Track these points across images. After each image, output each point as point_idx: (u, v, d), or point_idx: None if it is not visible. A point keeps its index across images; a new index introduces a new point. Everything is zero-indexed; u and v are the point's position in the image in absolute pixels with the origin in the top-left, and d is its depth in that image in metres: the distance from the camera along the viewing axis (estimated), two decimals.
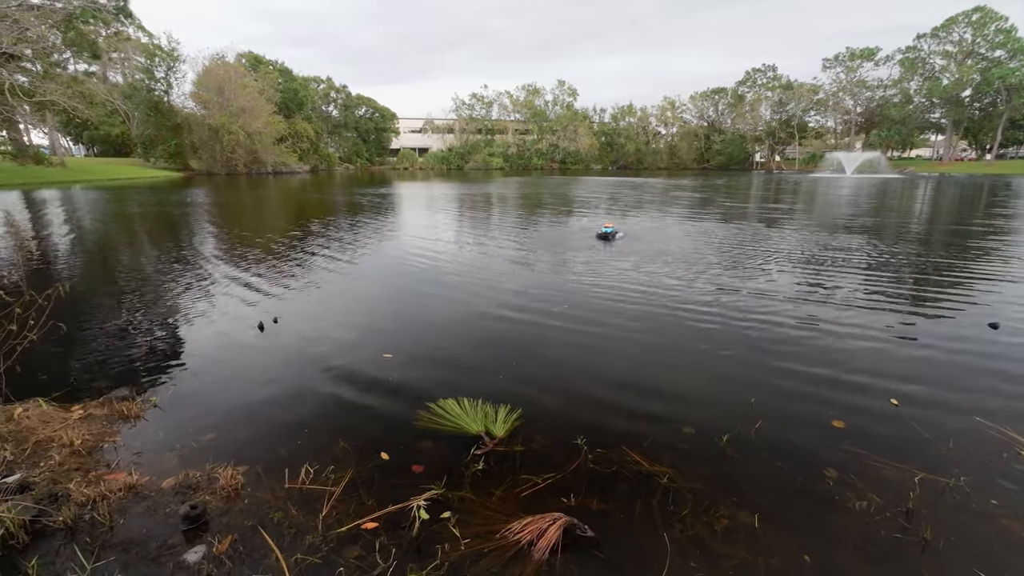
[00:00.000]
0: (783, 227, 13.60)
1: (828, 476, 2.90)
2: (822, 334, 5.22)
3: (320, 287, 7.26)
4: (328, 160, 63.99)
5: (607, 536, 2.44)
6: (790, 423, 3.50)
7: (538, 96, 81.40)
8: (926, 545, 2.39)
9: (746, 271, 8.20)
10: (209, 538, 2.39)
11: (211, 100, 49.35)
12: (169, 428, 3.41)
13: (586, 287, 7.16)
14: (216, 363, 4.54)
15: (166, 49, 52.46)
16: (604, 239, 10.92)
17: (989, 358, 4.62)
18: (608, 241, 10.78)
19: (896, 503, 2.67)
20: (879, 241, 11.20)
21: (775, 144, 80.00)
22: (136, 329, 5.47)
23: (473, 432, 3.35)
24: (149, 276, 8.00)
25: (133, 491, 2.68)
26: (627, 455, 3.10)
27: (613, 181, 41.26)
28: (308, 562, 2.27)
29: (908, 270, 8.35)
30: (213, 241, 11.46)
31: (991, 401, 3.80)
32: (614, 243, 10.70)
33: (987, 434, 3.34)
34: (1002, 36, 59.98)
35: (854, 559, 2.32)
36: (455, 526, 2.47)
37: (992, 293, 6.85)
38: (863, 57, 71.49)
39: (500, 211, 18.38)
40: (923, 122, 69.87)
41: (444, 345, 5.01)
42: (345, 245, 10.68)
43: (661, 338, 5.19)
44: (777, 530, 2.49)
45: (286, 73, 59.55)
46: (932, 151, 78.50)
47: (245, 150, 49.90)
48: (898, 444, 3.22)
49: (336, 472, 2.91)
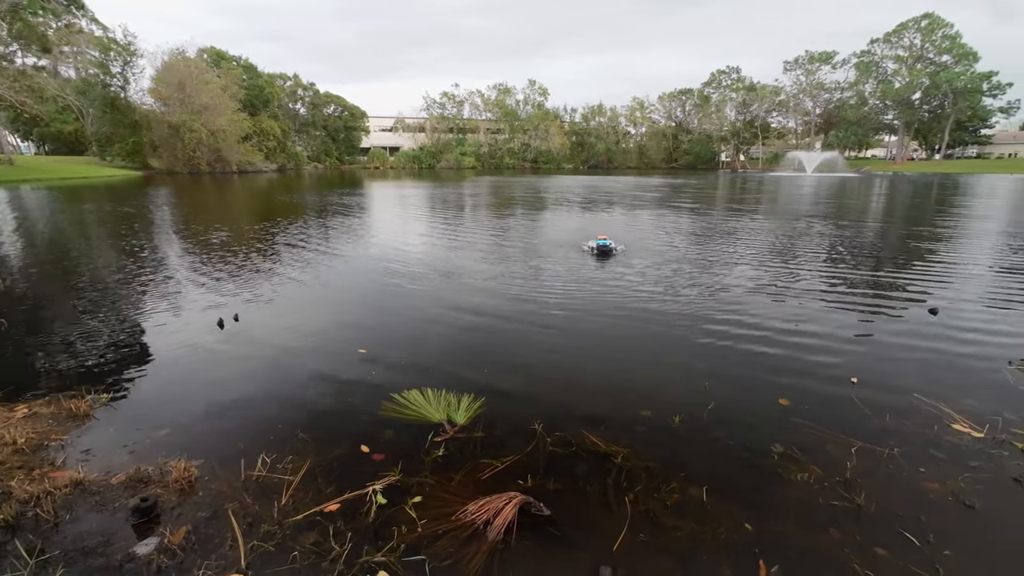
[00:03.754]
0: (744, 222, 14.03)
1: (775, 451, 3.04)
2: (776, 321, 5.44)
3: (282, 286, 7.14)
4: (296, 159, 62.64)
5: (562, 514, 2.51)
6: (741, 404, 3.64)
7: (509, 95, 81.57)
8: (860, 511, 2.54)
9: (705, 263, 8.44)
10: (162, 530, 2.36)
11: (171, 97, 47.65)
12: (121, 425, 3.32)
13: (553, 283, 7.26)
14: (173, 360, 4.43)
15: (122, 43, 50.34)
16: (602, 255, 8.96)
17: (928, 340, 4.90)
18: (605, 258, 8.85)
19: (835, 473, 2.82)
20: (835, 235, 11.67)
21: (740, 144, 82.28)
22: (88, 327, 5.28)
23: (435, 421, 3.38)
24: (103, 275, 7.71)
25: (80, 487, 2.61)
26: (585, 438, 3.18)
27: (587, 180, 41.69)
28: (263, 549, 2.26)
29: (859, 261, 8.74)
30: (171, 240, 11.11)
31: (927, 379, 4.04)
32: (612, 259, 8.80)
33: (923, 409, 3.56)
34: (948, 42, 63.24)
35: (793, 526, 2.44)
36: (412, 509, 2.50)
37: (932, 282, 7.24)
38: (821, 60, 74.19)
39: (472, 212, 18.38)
40: (877, 123, 73.01)
41: (408, 340, 5.01)
42: (309, 246, 10.51)
43: (623, 330, 5.31)
44: (724, 502, 2.60)
45: (251, 69, 58.00)
46: (886, 151, 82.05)
47: (208, 148, 48.40)
48: (840, 420, 3.40)
49: (294, 462, 2.89)
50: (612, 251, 9.11)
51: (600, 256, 8.92)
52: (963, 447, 3.07)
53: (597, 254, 9.01)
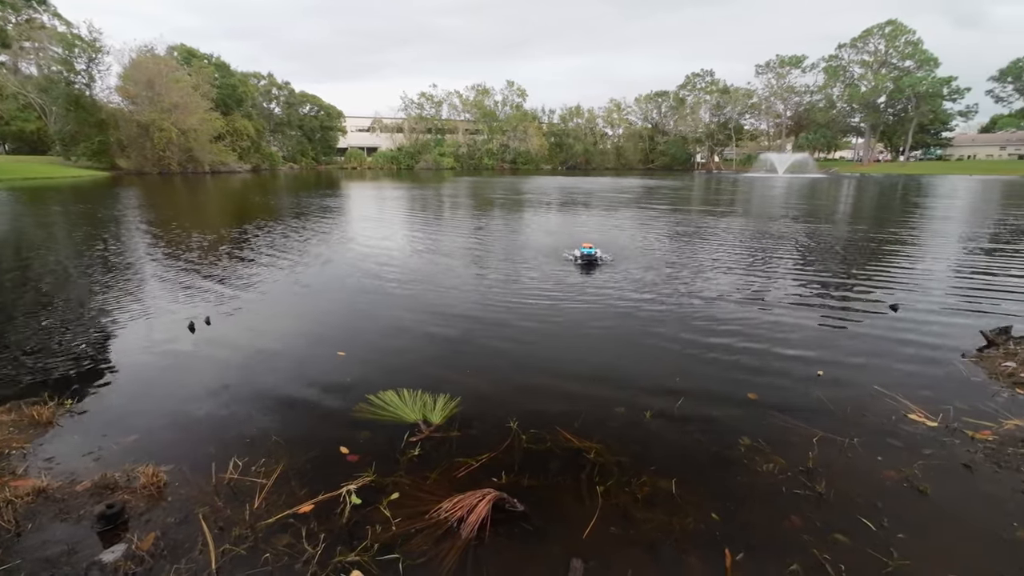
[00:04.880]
0: (719, 224, 14.33)
1: (742, 443, 3.14)
2: (747, 319, 5.59)
3: (255, 290, 7.04)
4: (271, 159, 61.51)
5: (536, 509, 2.55)
6: (711, 399, 3.75)
7: (488, 96, 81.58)
8: (820, 498, 2.64)
9: (678, 264, 8.61)
10: (129, 536, 2.32)
11: (140, 95, 46.27)
12: (87, 432, 3.24)
13: (530, 285, 7.31)
14: (142, 365, 4.34)
15: (87, 39, 48.68)
16: (588, 265, 8.15)
17: (889, 335, 5.10)
18: (590, 268, 8.05)
19: (798, 463, 2.93)
20: (804, 236, 12.02)
21: (714, 145, 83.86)
22: (53, 333, 5.12)
23: (411, 421, 3.39)
24: (68, 280, 7.47)
25: (43, 495, 2.55)
26: (559, 434, 3.23)
27: (566, 181, 41.95)
28: (235, 553, 2.24)
29: (827, 261, 9.03)
30: (140, 244, 10.82)
31: (887, 372, 4.21)
32: (599, 268, 8.08)
33: (882, 401, 3.71)
34: (911, 48, 65.64)
35: (758, 515, 2.53)
36: (387, 508, 2.51)
37: (894, 280, 7.53)
38: (791, 64, 76.23)
39: (451, 214, 18.34)
40: (845, 126, 75.40)
41: (384, 343, 5.01)
42: (282, 250, 10.36)
43: (598, 331, 5.40)
44: (693, 494, 2.68)
45: (223, 68, 56.74)
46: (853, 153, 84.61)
47: (179, 148, 47.15)
48: (805, 413, 3.52)
49: (268, 465, 2.87)
50: (598, 261, 8.34)
51: (585, 267, 8.11)
52: (918, 436, 3.22)
53: (582, 264, 8.20)
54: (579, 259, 8.27)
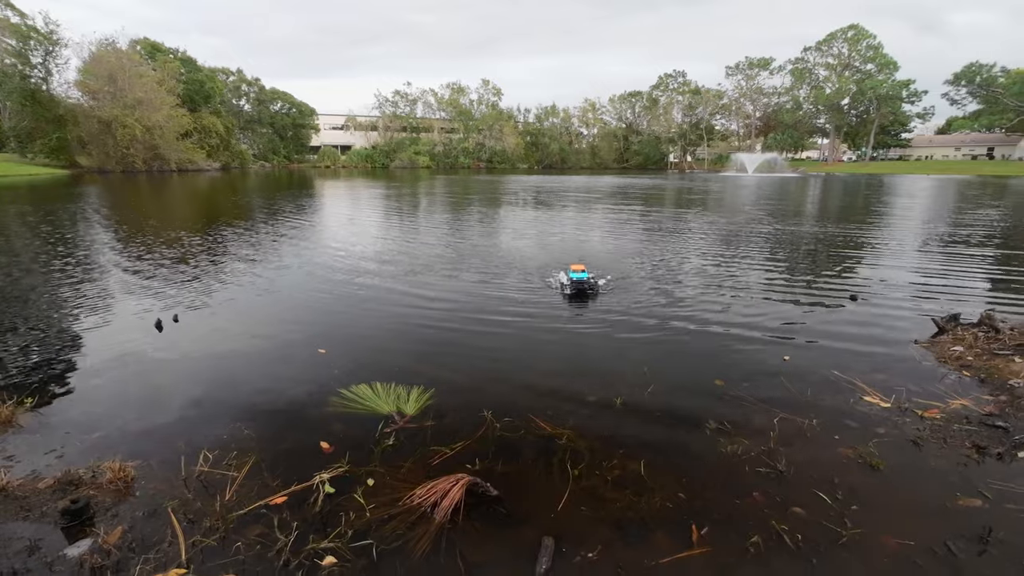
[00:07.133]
0: (690, 221, 14.64)
1: (708, 426, 3.25)
2: (717, 310, 5.76)
3: (224, 289, 6.91)
4: (241, 158, 60.06)
5: (510, 493, 2.60)
6: (680, 385, 3.87)
7: (463, 95, 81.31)
8: (781, 476, 2.76)
9: (652, 259, 8.79)
10: (96, 531, 2.28)
11: (101, 90, 44.63)
12: (49, 430, 3.16)
13: (504, 281, 7.36)
14: (107, 363, 4.23)
15: (43, 31, 46.66)
16: (577, 294, 6.17)
17: (847, 323, 5.33)
18: (585, 297, 6.17)
19: (761, 443, 3.05)
20: (772, 232, 12.39)
21: (687, 145, 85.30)
22: (12, 332, 4.94)
23: (385, 412, 3.40)
24: (29, 279, 7.19)
25: (3, 493, 2.48)
26: (533, 422, 3.29)
27: (542, 180, 42.12)
28: (205, 544, 2.23)
29: (792, 255, 9.34)
30: (102, 243, 10.47)
31: (845, 357, 4.40)
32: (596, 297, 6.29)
33: (840, 383, 3.88)
34: (872, 52, 67.99)
35: (721, 493, 2.64)
36: (361, 496, 2.52)
37: (855, 272, 7.85)
38: (760, 66, 78.10)
39: (427, 213, 18.26)
40: (811, 127, 77.61)
41: (356, 338, 5.00)
42: (251, 250, 10.18)
43: (571, 323, 5.48)
44: (660, 475, 2.77)
45: (189, 63, 55.08)
46: (819, 153, 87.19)
47: (144, 145, 45.57)
48: (768, 396, 3.66)
49: (239, 458, 2.85)
50: (593, 289, 6.34)
51: (575, 297, 6.17)
52: (872, 416, 3.39)
53: (571, 294, 6.21)
54: (567, 287, 6.30)
